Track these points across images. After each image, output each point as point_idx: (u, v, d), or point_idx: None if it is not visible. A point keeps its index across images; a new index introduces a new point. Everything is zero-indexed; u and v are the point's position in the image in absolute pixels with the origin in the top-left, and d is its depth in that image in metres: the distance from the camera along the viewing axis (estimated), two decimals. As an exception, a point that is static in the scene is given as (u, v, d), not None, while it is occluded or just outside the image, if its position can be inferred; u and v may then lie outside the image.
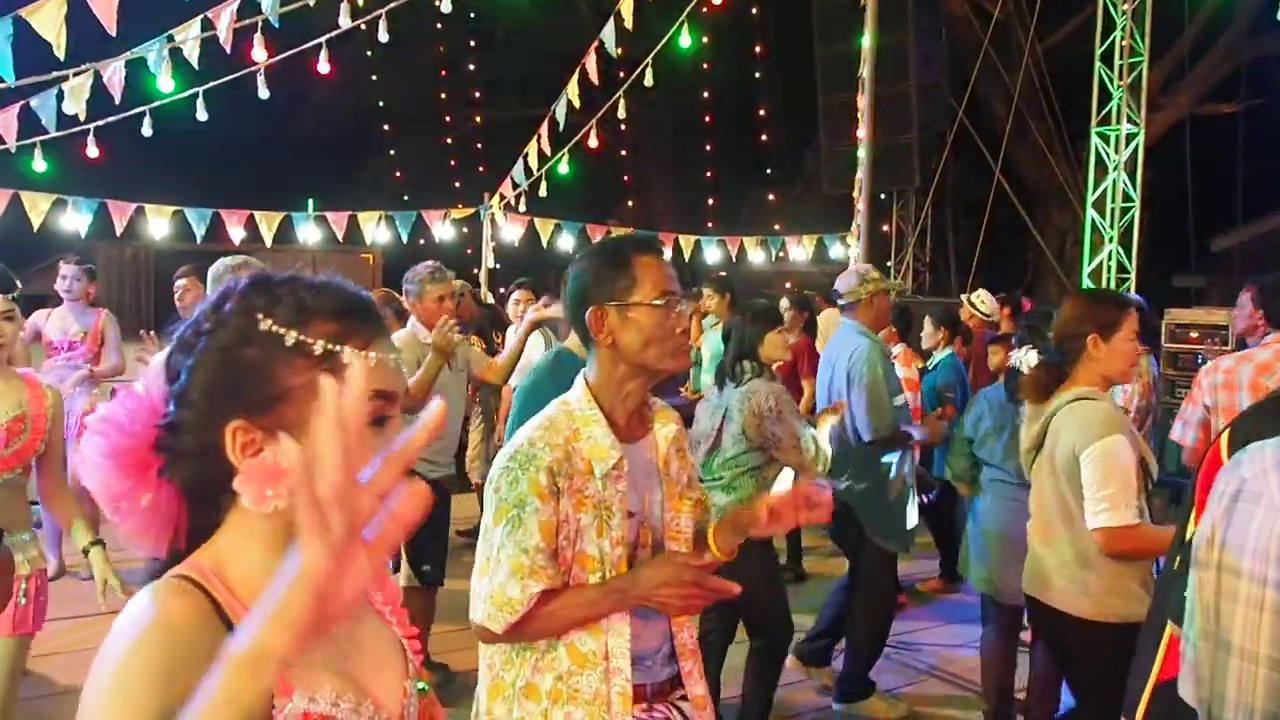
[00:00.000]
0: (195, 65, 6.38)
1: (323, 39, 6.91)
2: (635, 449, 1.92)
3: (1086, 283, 9.87)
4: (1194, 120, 14.92)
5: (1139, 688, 1.82)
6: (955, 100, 12.18)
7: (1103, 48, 9.64)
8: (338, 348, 1.00)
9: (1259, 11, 11.56)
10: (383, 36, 6.87)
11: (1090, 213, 9.90)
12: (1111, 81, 9.60)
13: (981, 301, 6.99)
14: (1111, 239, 9.74)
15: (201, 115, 6.85)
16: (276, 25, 6.35)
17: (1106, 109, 9.68)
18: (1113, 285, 9.68)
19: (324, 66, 6.93)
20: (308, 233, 10.13)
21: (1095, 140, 9.77)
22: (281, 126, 17.50)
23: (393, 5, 6.86)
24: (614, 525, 1.83)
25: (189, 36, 6.11)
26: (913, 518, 4.60)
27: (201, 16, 6.10)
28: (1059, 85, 12.96)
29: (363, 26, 7.23)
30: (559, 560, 1.81)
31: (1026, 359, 3.68)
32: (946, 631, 5.47)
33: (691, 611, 1.88)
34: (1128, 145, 9.59)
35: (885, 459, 4.39)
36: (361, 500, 0.76)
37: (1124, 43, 9.51)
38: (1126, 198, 9.72)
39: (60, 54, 5.28)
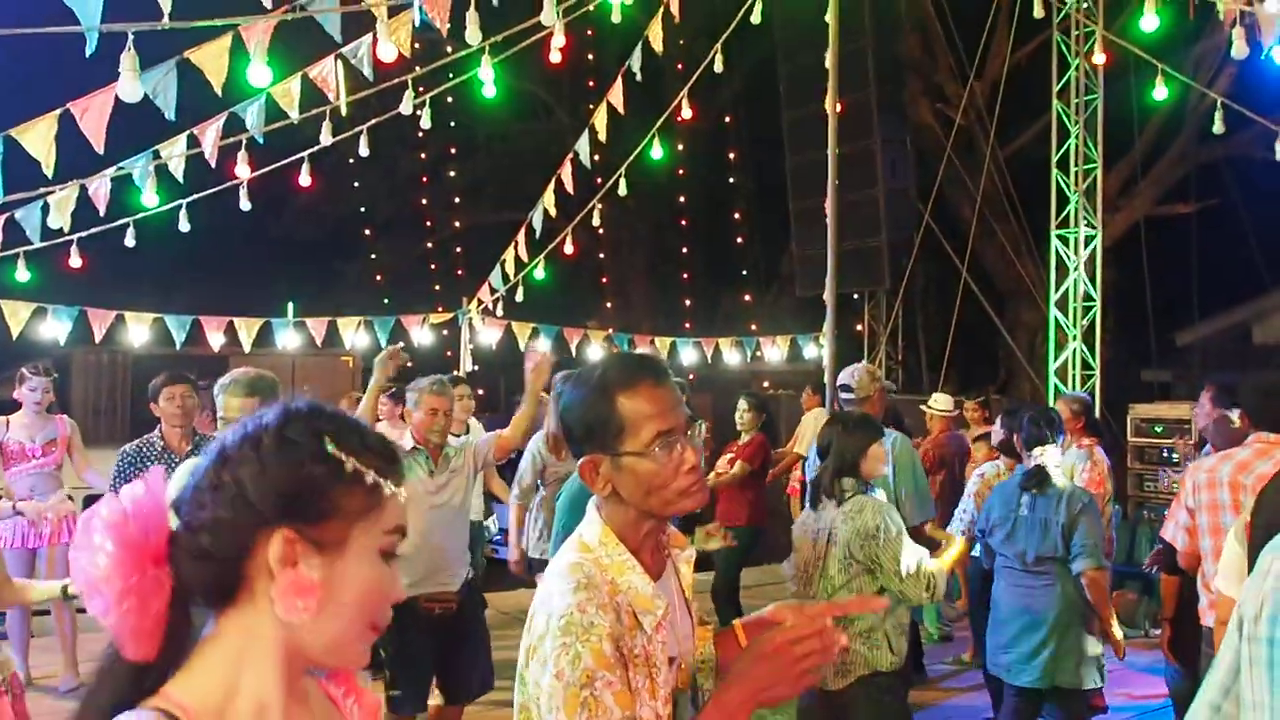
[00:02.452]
0: (180, 179, 6.56)
1: (304, 154, 7.14)
2: (663, 586, 1.71)
3: (1053, 380, 10.08)
4: (1153, 221, 15.44)
5: None
6: (923, 203, 12.57)
7: (1058, 154, 10.05)
8: (384, 481, 1.11)
9: (1206, 118, 12.07)
10: (363, 151, 7.11)
11: (1054, 312, 10.16)
12: (1068, 186, 9.98)
13: (937, 402, 7.36)
14: (1075, 337, 9.99)
15: (184, 226, 7.02)
16: (261, 142, 6.55)
17: (1064, 212, 10.05)
18: (1078, 382, 9.89)
19: (305, 180, 7.14)
20: (287, 338, 10.23)
21: (1055, 242, 10.10)
22: (261, 232, 17.76)
23: (374, 122, 7.12)
24: (662, 681, 1.62)
25: (175, 153, 6.30)
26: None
27: (188, 133, 6.30)
28: (1022, 188, 13.40)
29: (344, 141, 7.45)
30: None
31: (1049, 456, 4.18)
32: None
33: (811, 680, 1.58)
34: (1086, 247, 9.92)
35: None
36: None
37: (1078, 150, 9.91)
38: (1087, 297, 10.00)
39: (49, 172, 5.43)
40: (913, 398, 10.50)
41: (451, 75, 8.14)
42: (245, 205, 7.12)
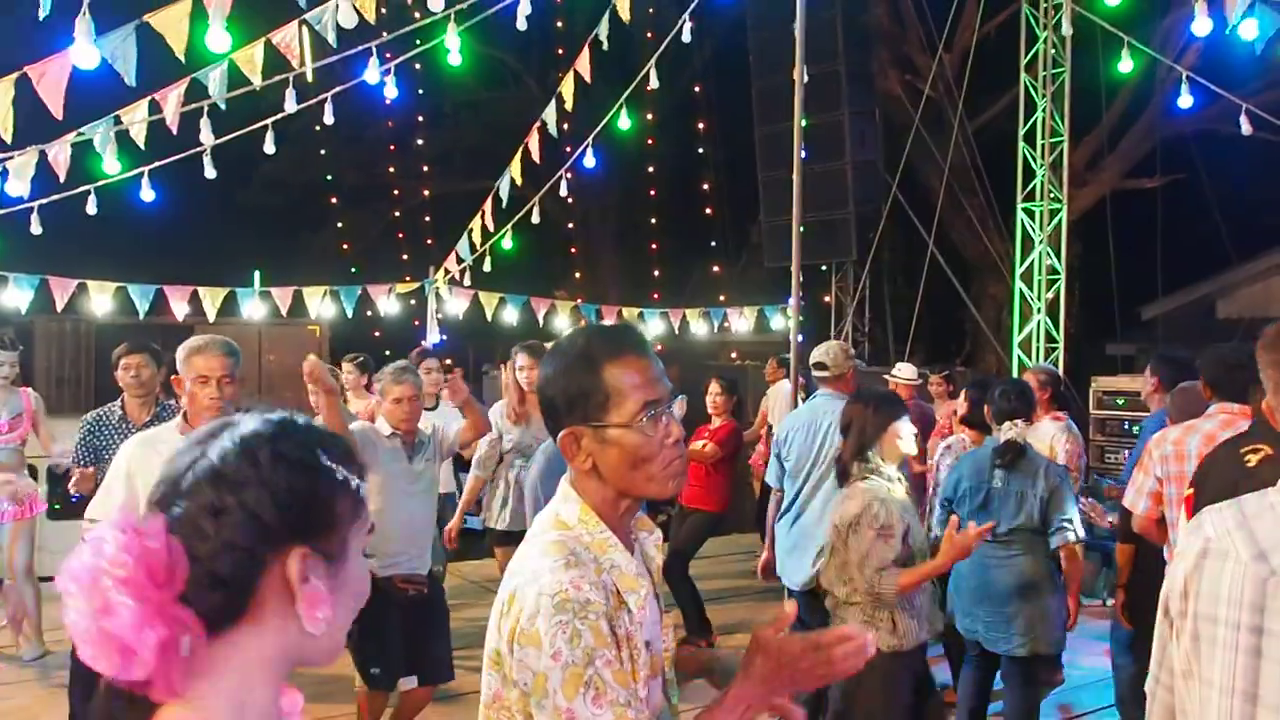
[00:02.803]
0: (142, 146, 6.46)
1: (269, 121, 7.04)
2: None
3: (1017, 353, 10.19)
4: (1120, 195, 15.59)
5: None
6: (891, 175, 12.61)
7: (1025, 128, 10.11)
8: (361, 483, 1.14)
9: (1173, 92, 12.18)
10: (328, 119, 7.04)
11: (1019, 285, 10.27)
12: (1035, 160, 10.05)
13: (901, 371, 7.46)
14: (1039, 310, 10.10)
15: (147, 195, 6.92)
16: (224, 108, 6.46)
17: (1030, 186, 10.12)
18: (1042, 355, 10.01)
19: (270, 148, 7.05)
20: (252, 308, 10.14)
21: (1021, 216, 10.18)
22: (227, 200, 17.52)
23: (338, 90, 7.04)
24: (642, 664, 1.56)
25: (136, 120, 6.20)
26: None
27: (150, 99, 6.20)
28: (991, 161, 13.47)
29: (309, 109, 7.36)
30: None
31: (1020, 430, 4.25)
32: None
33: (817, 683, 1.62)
34: (1051, 221, 10.01)
35: None
36: None
37: (1045, 124, 9.98)
38: (1052, 270, 10.10)
39: (7, 137, 5.33)
40: (879, 370, 10.58)
41: (419, 42, 8.06)
42: (210, 173, 7.03)
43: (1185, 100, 7.68)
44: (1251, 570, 1.53)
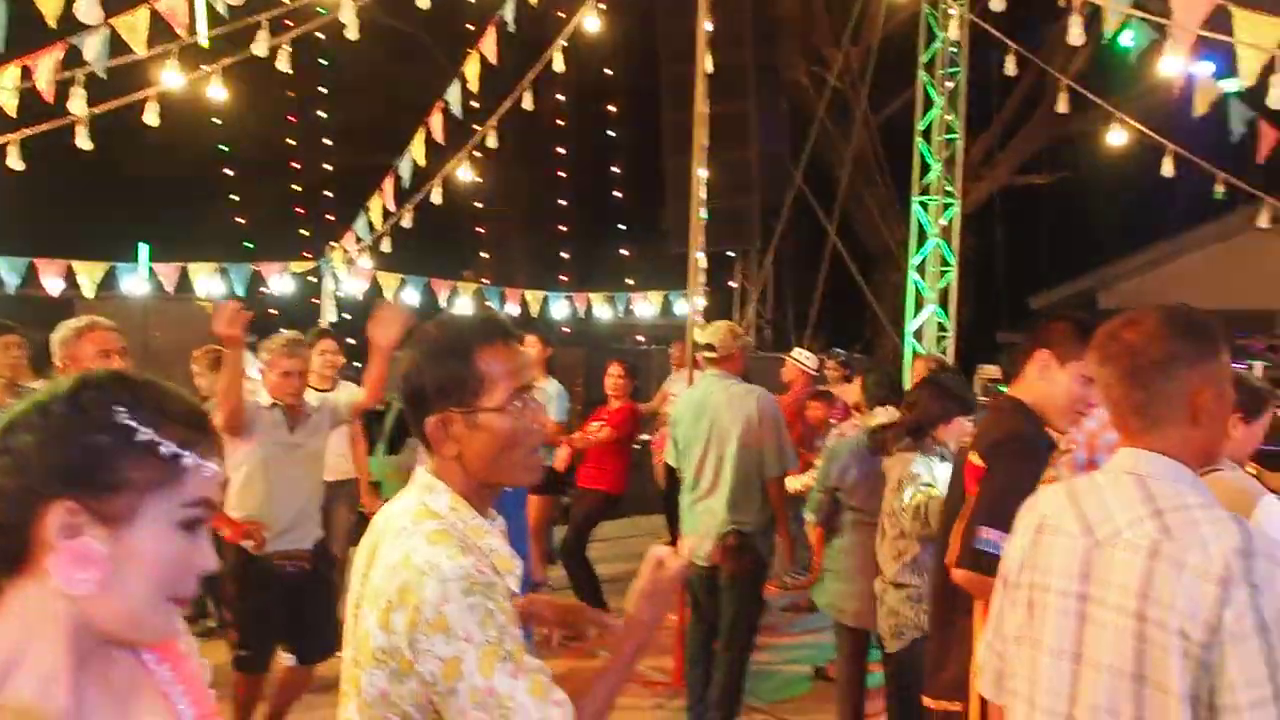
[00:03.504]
0: (13, 115, 6.12)
1: (152, 90, 6.74)
2: None
3: (910, 341, 10.45)
4: (1013, 190, 16.12)
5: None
6: (796, 164, 12.77)
7: (922, 125, 10.34)
8: (185, 453, 1.09)
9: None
10: (216, 93, 6.78)
11: (913, 275, 10.52)
12: (930, 156, 10.29)
13: (801, 356, 7.56)
14: (932, 300, 10.37)
15: (16, 165, 6.52)
16: (104, 77, 6.16)
17: (926, 180, 10.36)
18: (934, 342, 10.29)
19: (153, 119, 6.74)
20: (134, 284, 9.75)
21: (916, 209, 10.43)
22: (111, 169, 16.77)
23: (228, 62, 6.78)
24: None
25: (4, 85, 5.89)
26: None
27: (22, 65, 5.88)
28: (893, 154, 13.76)
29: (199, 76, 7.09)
30: None
31: (889, 415, 4.42)
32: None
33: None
34: (944, 214, 10.27)
35: None
36: None
37: (941, 121, 10.22)
38: (944, 262, 10.38)
39: None
40: (782, 355, 10.74)
41: (323, 11, 7.80)
42: (85, 145, 6.64)
43: (1062, 106, 7.98)
44: (1080, 543, 1.73)
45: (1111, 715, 1.63)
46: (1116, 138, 8.68)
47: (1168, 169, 8.04)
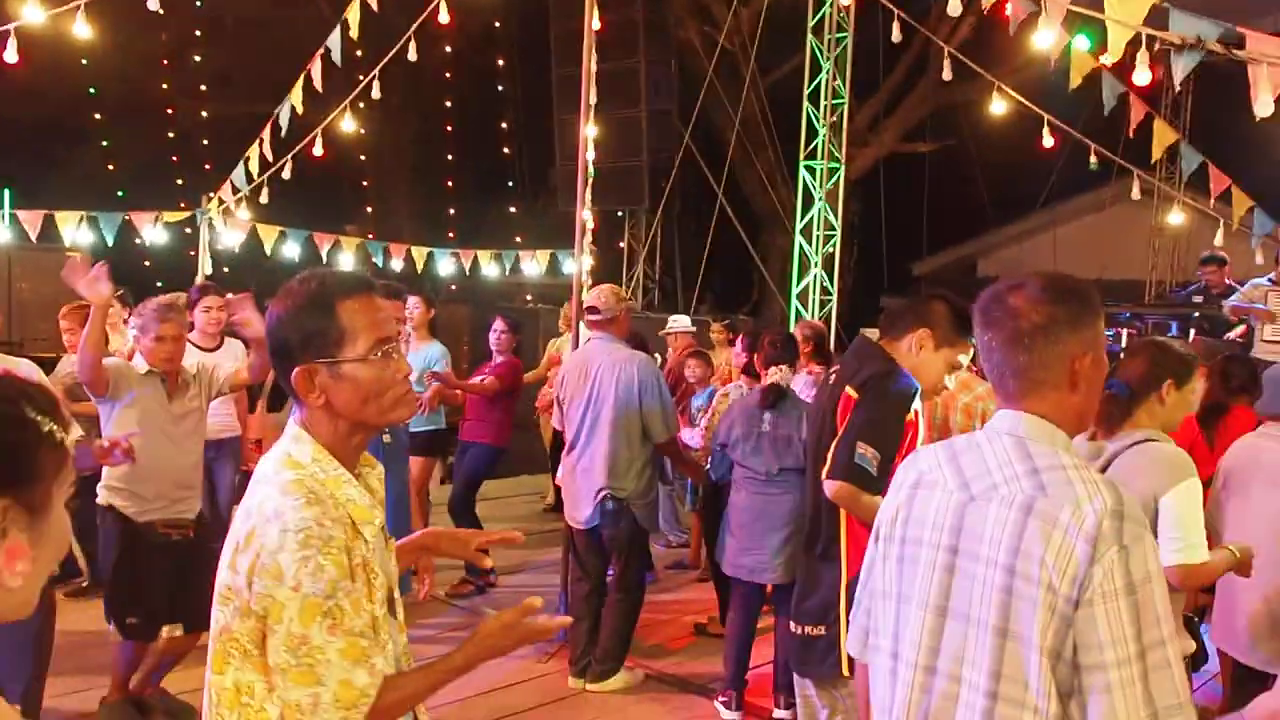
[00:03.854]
0: None
1: (9, 25, 6.33)
2: None
3: (795, 304, 10.68)
4: (898, 157, 16.51)
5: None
6: (685, 125, 12.82)
7: (810, 89, 10.49)
8: (65, 436, 1.15)
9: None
10: (82, 31, 6.41)
11: (798, 239, 10.73)
12: (818, 120, 10.46)
13: (677, 322, 7.79)
14: (816, 264, 10.60)
15: None
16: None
17: (813, 145, 10.54)
18: (817, 307, 10.53)
19: (12, 57, 6.35)
20: (-5, 230, 9.24)
21: (803, 173, 10.61)
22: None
23: (90, -2, 6.41)
24: (378, 584, 1.69)
25: None
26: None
27: None
28: (782, 117, 13.90)
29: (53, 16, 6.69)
30: None
31: (783, 375, 4.56)
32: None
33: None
34: (830, 179, 10.48)
35: None
36: None
37: (829, 86, 10.39)
38: (830, 227, 10.61)
39: None
40: (663, 315, 10.85)
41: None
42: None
43: (946, 74, 8.18)
44: (955, 498, 1.76)
45: (971, 667, 1.67)
46: (997, 108, 8.96)
47: (1047, 140, 8.34)
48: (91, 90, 18.49)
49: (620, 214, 13.91)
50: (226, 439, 5.89)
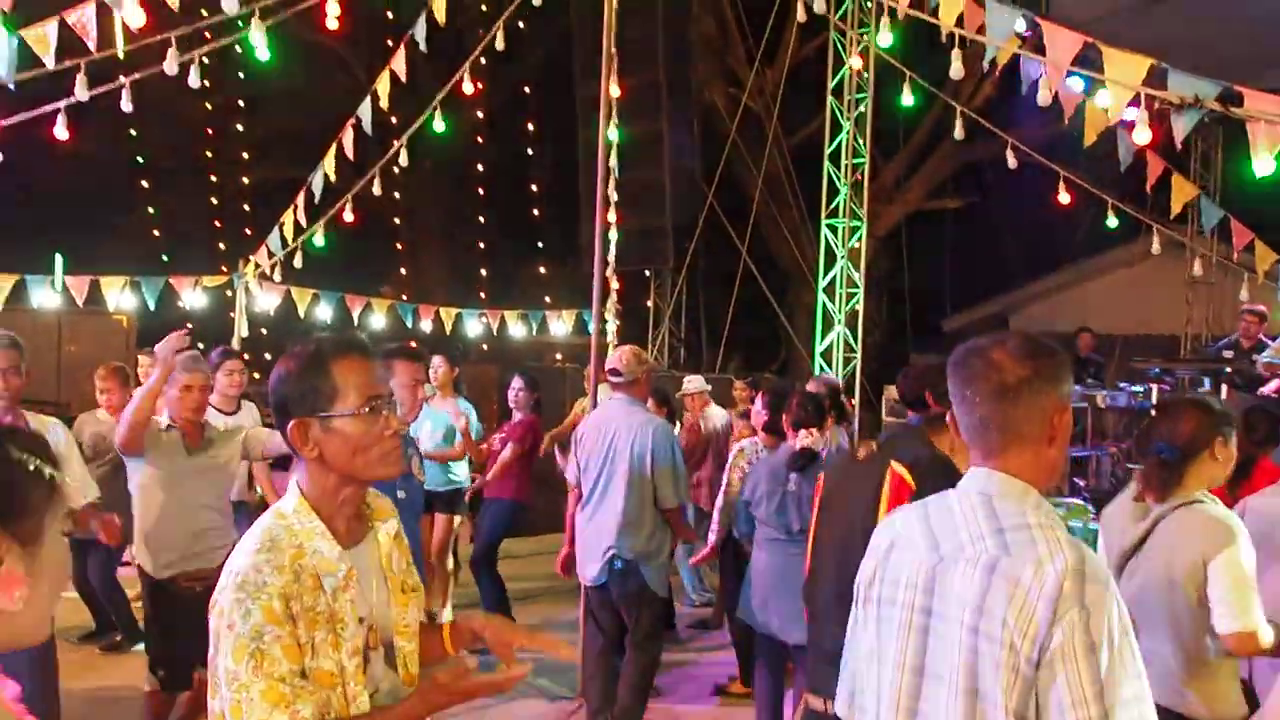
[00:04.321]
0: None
1: (61, 104, 6.67)
2: (359, 552, 1.89)
3: (819, 361, 10.74)
4: (924, 214, 16.62)
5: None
6: (709, 184, 13.01)
7: (831, 148, 10.67)
8: (56, 473, 1.27)
9: (967, 121, 13.03)
10: (126, 106, 6.73)
11: (821, 297, 10.83)
12: (839, 178, 10.62)
13: (690, 384, 7.90)
14: (840, 321, 10.68)
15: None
16: (14, 89, 6.10)
17: (834, 203, 10.69)
18: (841, 363, 10.59)
19: (62, 133, 6.68)
20: (44, 296, 9.58)
21: (825, 231, 10.75)
22: (23, 177, 16.34)
23: (138, 77, 6.74)
24: (348, 635, 1.79)
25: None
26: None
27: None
28: (805, 175, 14.08)
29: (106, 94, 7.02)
30: None
31: (814, 440, 4.59)
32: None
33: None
34: (852, 237, 10.61)
35: None
36: None
37: (849, 145, 10.57)
38: (852, 284, 10.70)
39: None
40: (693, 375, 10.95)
41: (241, 25, 7.78)
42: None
43: (959, 134, 8.32)
44: (926, 559, 1.79)
45: None
46: (1013, 164, 9.08)
47: (1064, 197, 8.43)
48: (139, 159, 19.12)
49: (646, 274, 14.09)
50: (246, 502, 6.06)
